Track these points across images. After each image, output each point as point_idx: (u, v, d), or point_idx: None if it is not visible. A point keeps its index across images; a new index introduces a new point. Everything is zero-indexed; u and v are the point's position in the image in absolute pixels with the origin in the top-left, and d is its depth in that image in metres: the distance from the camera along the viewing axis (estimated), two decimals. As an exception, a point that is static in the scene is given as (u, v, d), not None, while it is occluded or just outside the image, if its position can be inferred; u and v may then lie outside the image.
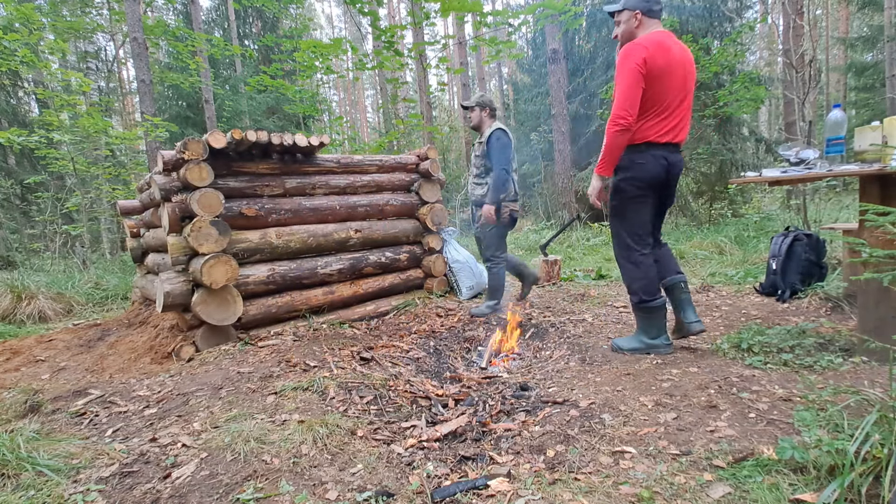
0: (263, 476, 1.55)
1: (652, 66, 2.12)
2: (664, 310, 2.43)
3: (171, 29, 9.70)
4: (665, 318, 2.45)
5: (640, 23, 2.25)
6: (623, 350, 2.52)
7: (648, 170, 2.26)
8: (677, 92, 2.21)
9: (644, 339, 2.47)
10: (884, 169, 1.92)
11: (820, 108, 13.90)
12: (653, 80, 2.15)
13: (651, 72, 2.13)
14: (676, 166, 2.34)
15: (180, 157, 2.89)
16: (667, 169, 2.29)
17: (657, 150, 2.25)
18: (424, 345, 3.14)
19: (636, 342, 2.49)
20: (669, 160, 2.28)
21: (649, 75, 2.14)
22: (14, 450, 1.61)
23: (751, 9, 12.67)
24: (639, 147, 2.27)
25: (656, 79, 2.15)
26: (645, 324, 2.46)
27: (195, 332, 2.98)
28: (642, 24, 2.25)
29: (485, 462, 1.68)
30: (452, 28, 22.21)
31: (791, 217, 6.92)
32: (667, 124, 2.24)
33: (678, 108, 2.25)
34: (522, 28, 7.07)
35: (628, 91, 2.14)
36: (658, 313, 2.42)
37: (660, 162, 2.26)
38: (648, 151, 2.25)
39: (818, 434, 1.41)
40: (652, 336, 2.45)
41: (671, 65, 2.16)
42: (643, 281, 2.40)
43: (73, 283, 5.55)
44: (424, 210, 4.22)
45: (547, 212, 10.85)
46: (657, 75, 2.14)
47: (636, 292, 2.43)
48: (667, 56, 2.15)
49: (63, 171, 8.20)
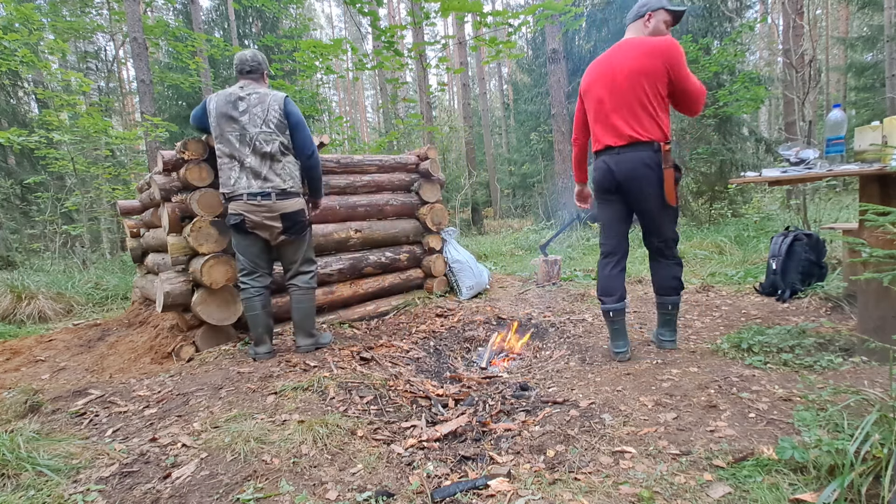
0: (263, 476, 1.55)
1: (582, 88, 2.46)
2: (609, 315, 2.45)
3: (171, 29, 9.70)
4: (617, 323, 2.46)
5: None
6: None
7: (595, 177, 2.45)
8: (606, 94, 2.30)
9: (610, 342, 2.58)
10: (884, 169, 1.92)
11: (820, 108, 13.91)
12: (584, 98, 2.46)
13: (582, 92, 2.46)
14: (621, 166, 2.30)
15: (180, 157, 2.89)
16: (611, 172, 2.34)
17: (599, 156, 2.42)
18: (424, 345, 3.15)
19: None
20: (609, 164, 2.35)
21: (583, 96, 2.47)
22: (14, 450, 1.61)
23: (751, 9, 12.67)
24: (593, 156, 2.49)
25: (585, 95, 2.44)
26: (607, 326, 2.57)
27: (195, 332, 2.98)
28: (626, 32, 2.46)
29: (485, 462, 1.68)
30: (452, 28, 22.22)
31: (791, 217, 6.92)
32: (598, 130, 2.39)
33: (612, 108, 2.30)
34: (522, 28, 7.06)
35: (576, 113, 2.55)
36: (607, 317, 2.47)
37: (600, 167, 2.40)
38: (595, 159, 2.46)
39: (818, 434, 1.41)
40: (611, 340, 2.52)
41: (600, 75, 2.34)
42: (599, 279, 2.54)
43: (73, 283, 5.55)
44: (424, 210, 4.22)
45: (547, 212, 10.85)
46: (585, 92, 2.44)
47: None
48: (593, 70, 2.38)
49: (63, 171, 8.20)
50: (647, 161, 2.26)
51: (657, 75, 2.22)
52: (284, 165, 2.67)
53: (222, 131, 2.61)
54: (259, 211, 2.62)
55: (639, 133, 2.26)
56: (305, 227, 2.81)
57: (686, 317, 3.23)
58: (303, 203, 2.76)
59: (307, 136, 2.72)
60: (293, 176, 2.70)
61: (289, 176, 2.67)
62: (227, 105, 2.59)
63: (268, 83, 2.83)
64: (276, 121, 2.63)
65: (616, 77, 2.28)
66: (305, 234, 2.82)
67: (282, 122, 2.65)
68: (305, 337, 2.84)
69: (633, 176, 2.29)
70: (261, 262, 2.75)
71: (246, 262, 2.75)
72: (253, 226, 2.65)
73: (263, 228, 2.67)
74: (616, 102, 2.29)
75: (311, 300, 2.86)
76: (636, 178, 2.29)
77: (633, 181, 2.30)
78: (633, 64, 2.24)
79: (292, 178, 2.69)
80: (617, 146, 2.31)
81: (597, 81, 2.35)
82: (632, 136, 2.27)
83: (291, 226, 2.71)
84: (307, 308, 2.84)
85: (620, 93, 2.28)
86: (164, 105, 12.18)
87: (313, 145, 2.75)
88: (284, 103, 2.66)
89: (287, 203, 2.67)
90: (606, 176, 2.37)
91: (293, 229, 2.73)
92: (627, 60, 2.26)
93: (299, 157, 2.74)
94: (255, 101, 2.63)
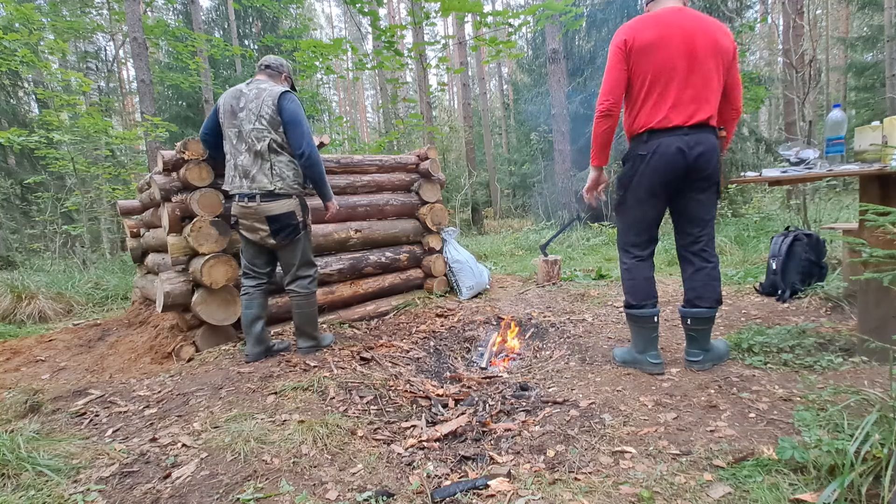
0: (263, 476, 1.55)
1: (635, 44, 1.95)
2: (650, 321, 2.19)
3: (171, 29, 9.70)
4: (653, 332, 2.22)
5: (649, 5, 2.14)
6: (616, 360, 2.40)
7: (652, 161, 2.01)
8: (674, 65, 1.94)
9: (632, 352, 2.29)
10: (884, 169, 1.92)
11: (820, 108, 13.90)
12: (640, 58, 1.96)
13: (635, 49, 1.96)
14: (698, 152, 1.97)
15: (180, 157, 2.89)
16: (681, 158, 1.97)
17: (662, 137, 1.98)
18: (424, 345, 3.14)
19: (627, 354, 2.35)
20: (686, 146, 1.96)
21: (635, 54, 1.96)
22: (14, 450, 1.61)
23: (751, 9, 12.67)
24: (641, 136, 2.05)
25: (644, 56, 1.95)
26: (633, 334, 2.28)
27: (195, 332, 2.98)
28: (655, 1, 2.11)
29: (485, 462, 1.68)
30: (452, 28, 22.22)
31: (791, 217, 6.92)
32: (666, 105, 1.97)
33: (686, 82, 1.95)
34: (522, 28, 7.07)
35: (608, 74, 2.01)
36: (642, 323, 2.19)
37: (665, 151, 1.98)
38: (651, 140, 2.01)
39: (818, 434, 1.41)
40: (639, 350, 2.24)
41: (664, 36, 1.93)
42: (629, 283, 2.23)
43: (73, 283, 5.55)
44: (424, 210, 4.22)
45: (547, 212, 10.85)
46: (645, 52, 1.95)
47: (625, 294, 2.26)
48: (657, 28, 1.95)
49: (63, 171, 8.20)
50: (716, 146, 2.02)
51: (728, 58, 2.00)
52: (274, 165, 2.52)
53: (224, 128, 2.59)
54: (247, 213, 2.56)
55: (712, 115, 2.00)
56: (297, 231, 2.62)
57: (686, 317, 3.23)
58: (294, 205, 2.58)
59: (302, 135, 2.52)
60: (284, 176, 2.54)
61: (279, 176, 2.53)
62: (232, 100, 2.56)
63: (287, 85, 2.71)
64: (268, 117, 2.49)
65: (695, 44, 1.93)
66: (299, 237, 2.65)
67: (274, 118, 2.50)
68: (306, 339, 2.79)
69: (704, 163, 1.99)
70: (256, 264, 2.72)
71: (244, 263, 2.75)
72: (244, 228, 2.62)
73: (252, 231, 2.60)
74: (693, 75, 1.95)
75: (310, 305, 2.76)
76: (706, 165, 2.01)
77: (701, 170, 2.01)
78: (710, 38, 1.95)
79: (283, 179, 2.54)
80: (686, 126, 1.97)
81: (668, 42, 1.93)
82: (709, 116, 1.99)
83: (279, 229, 2.56)
84: (307, 313, 2.75)
85: (699, 64, 1.94)
86: (164, 105, 12.19)
87: (309, 145, 2.54)
88: (279, 98, 2.50)
89: (273, 205, 2.52)
90: (673, 162, 1.98)
91: (282, 233, 2.57)
92: (703, 32, 1.95)
93: (295, 156, 2.59)
94: (253, 95, 2.52)
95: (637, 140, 2.08)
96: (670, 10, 2.00)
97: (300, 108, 2.58)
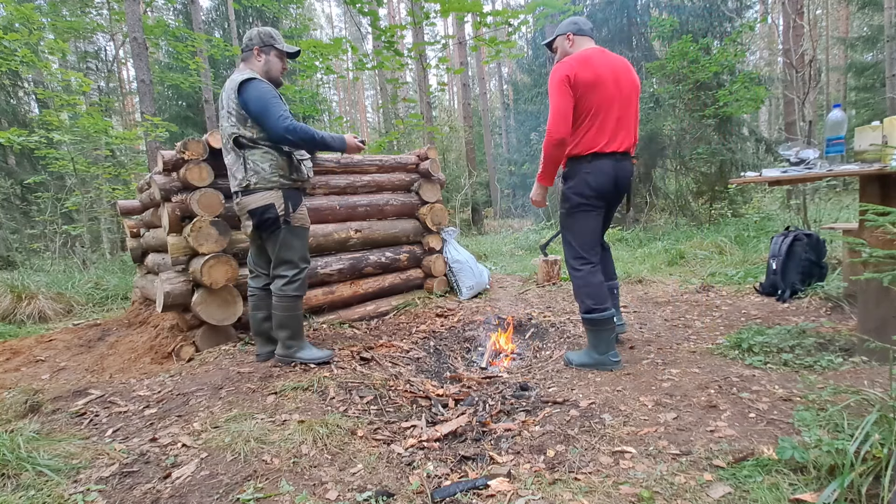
0: (263, 476, 1.56)
1: (578, 80, 2.21)
2: (611, 322, 2.36)
3: (171, 29, 9.71)
4: (613, 331, 2.38)
5: (573, 42, 2.38)
6: (573, 364, 2.45)
7: (595, 180, 2.31)
8: (611, 100, 2.26)
9: (593, 355, 2.40)
10: (884, 169, 1.93)
11: (820, 108, 13.91)
12: (586, 92, 2.23)
13: (580, 85, 2.21)
14: (624, 175, 2.36)
15: (180, 157, 2.89)
16: (615, 178, 2.33)
17: (603, 159, 2.30)
18: (424, 345, 3.14)
19: (586, 357, 2.43)
20: (617, 169, 2.32)
21: (581, 88, 2.22)
22: (14, 450, 1.61)
23: (751, 9, 12.67)
24: (585, 157, 2.32)
25: (586, 91, 2.22)
26: (594, 338, 2.39)
27: (195, 332, 2.98)
28: (574, 43, 2.38)
29: (485, 462, 1.68)
30: (452, 28, 22.22)
31: (791, 217, 6.91)
32: (605, 133, 2.27)
33: (618, 115, 2.28)
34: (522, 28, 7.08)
35: (558, 104, 2.23)
36: (605, 325, 2.35)
37: (606, 171, 2.30)
38: (595, 161, 2.30)
39: (818, 434, 1.41)
40: (601, 351, 2.37)
41: (600, 75, 2.22)
42: (588, 289, 2.37)
43: (73, 283, 5.55)
44: (424, 210, 4.22)
45: (547, 212, 10.84)
46: (587, 87, 2.22)
47: (583, 301, 2.39)
48: (593, 69, 2.22)
49: (63, 171, 8.20)
50: (633, 170, 2.44)
51: (638, 94, 2.40)
52: (247, 160, 2.40)
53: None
54: (236, 211, 2.56)
55: (634, 143, 2.40)
56: (275, 224, 2.48)
57: (686, 317, 3.23)
58: (273, 197, 2.45)
59: (275, 119, 2.32)
60: (259, 170, 2.41)
61: (253, 171, 2.41)
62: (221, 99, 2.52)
63: (262, 60, 2.49)
64: (235, 112, 2.37)
65: (621, 82, 2.28)
66: (278, 232, 2.50)
67: (240, 112, 2.36)
68: (281, 345, 2.60)
69: (628, 183, 2.41)
70: (258, 263, 2.72)
71: (248, 261, 2.76)
72: (242, 227, 2.63)
73: (245, 228, 2.56)
74: (624, 108, 2.30)
75: (287, 309, 2.54)
76: (628, 185, 2.43)
77: (626, 189, 2.43)
78: (630, 78, 2.33)
79: (257, 173, 2.41)
80: (619, 153, 2.32)
81: (606, 79, 2.24)
82: (632, 144, 2.38)
83: (259, 223, 2.47)
84: (280, 317, 2.55)
85: (626, 99, 2.30)
86: (164, 105, 12.19)
87: (285, 129, 2.32)
88: (238, 90, 2.33)
89: (250, 199, 2.44)
90: (609, 182, 2.32)
91: (262, 227, 2.48)
92: (626, 72, 2.32)
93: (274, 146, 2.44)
94: (226, 87, 2.39)
95: (580, 160, 2.35)
96: (596, 51, 2.29)
97: (265, 91, 2.36)
